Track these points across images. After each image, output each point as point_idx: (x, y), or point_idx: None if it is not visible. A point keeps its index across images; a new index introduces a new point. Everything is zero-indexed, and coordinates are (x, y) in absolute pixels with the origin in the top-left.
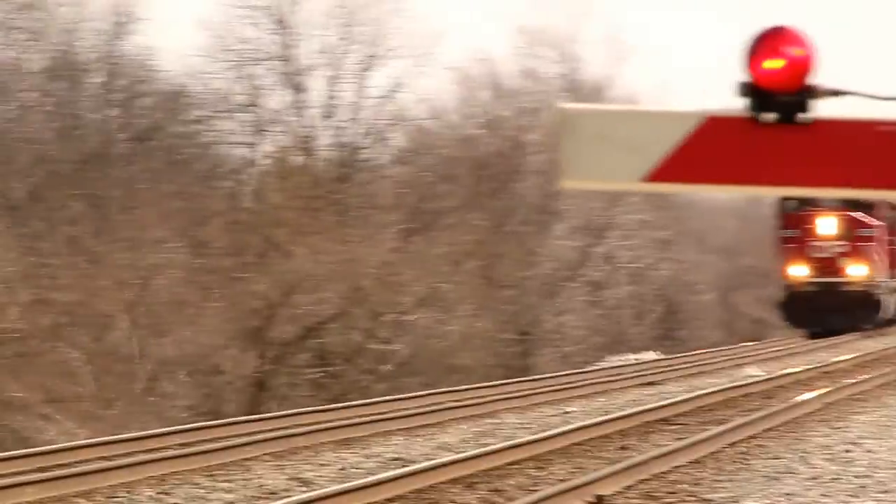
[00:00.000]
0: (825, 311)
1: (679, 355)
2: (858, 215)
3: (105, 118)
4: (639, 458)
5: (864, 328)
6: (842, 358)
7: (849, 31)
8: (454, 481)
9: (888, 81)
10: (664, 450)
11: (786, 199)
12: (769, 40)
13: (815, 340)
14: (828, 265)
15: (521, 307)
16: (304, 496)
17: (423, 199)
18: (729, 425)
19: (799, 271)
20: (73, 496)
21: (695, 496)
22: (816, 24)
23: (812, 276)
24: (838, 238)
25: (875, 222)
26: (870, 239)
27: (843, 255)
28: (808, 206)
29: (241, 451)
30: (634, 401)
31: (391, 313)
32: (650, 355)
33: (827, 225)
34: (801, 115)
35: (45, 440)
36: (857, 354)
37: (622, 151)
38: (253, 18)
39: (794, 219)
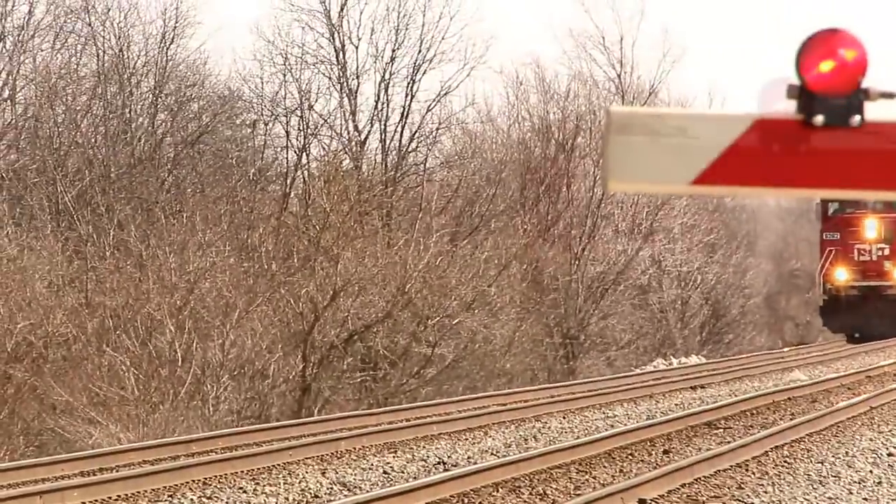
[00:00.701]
0: (867, 314)
1: (724, 359)
2: None
3: (154, 122)
4: (682, 461)
5: None
6: (887, 362)
7: None
8: (498, 485)
9: None
10: (708, 454)
11: (828, 201)
12: (821, 43)
13: (861, 344)
14: (870, 268)
15: (567, 311)
16: (347, 500)
17: (471, 202)
18: (773, 429)
19: (841, 274)
20: (117, 500)
21: (738, 500)
22: (868, 25)
23: (854, 280)
24: (881, 241)
25: None
26: None
27: (887, 257)
28: (851, 209)
29: (284, 455)
30: (679, 404)
31: (437, 317)
32: (696, 359)
33: (870, 227)
34: (852, 118)
35: (89, 444)
36: None
37: (670, 154)
38: (304, 22)
39: (837, 221)
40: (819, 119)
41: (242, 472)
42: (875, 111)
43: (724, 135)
